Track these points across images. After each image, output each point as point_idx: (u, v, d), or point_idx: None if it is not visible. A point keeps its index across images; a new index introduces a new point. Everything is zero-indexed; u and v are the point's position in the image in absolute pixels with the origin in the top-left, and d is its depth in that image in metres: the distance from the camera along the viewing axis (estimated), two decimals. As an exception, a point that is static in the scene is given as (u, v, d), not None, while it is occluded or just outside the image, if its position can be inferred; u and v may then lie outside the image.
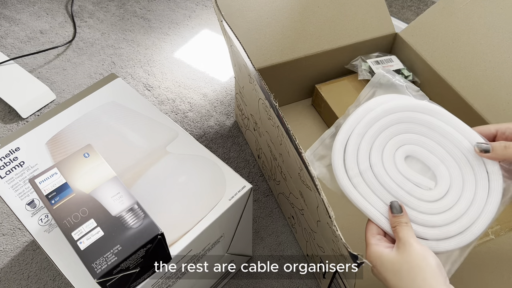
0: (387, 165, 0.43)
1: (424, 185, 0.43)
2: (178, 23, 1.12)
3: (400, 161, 0.44)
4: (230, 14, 0.73)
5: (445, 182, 0.42)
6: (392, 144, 0.44)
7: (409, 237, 0.39)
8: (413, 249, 0.38)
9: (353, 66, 0.83)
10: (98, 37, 1.06)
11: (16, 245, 0.69)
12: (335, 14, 0.80)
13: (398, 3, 1.19)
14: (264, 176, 0.80)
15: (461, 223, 0.40)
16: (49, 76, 0.96)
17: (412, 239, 0.39)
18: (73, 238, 0.38)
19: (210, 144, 0.85)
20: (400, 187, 0.43)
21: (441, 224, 0.41)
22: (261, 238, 0.72)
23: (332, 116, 0.79)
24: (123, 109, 0.58)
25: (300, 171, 0.51)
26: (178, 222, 0.47)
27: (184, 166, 0.52)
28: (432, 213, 0.41)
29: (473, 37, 0.72)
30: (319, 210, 0.50)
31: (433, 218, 0.41)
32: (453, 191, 0.42)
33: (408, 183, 0.43)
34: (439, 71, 0.76)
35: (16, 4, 1.14)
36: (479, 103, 0.69)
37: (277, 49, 0.76)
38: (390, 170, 0.43)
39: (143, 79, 0.97)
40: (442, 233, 0.40)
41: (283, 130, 0.50)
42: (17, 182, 0.50)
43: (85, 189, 0.41)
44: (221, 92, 0.95)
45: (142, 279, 0.43)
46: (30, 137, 0.54)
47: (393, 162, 0.44)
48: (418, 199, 0.42)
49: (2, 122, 0.87)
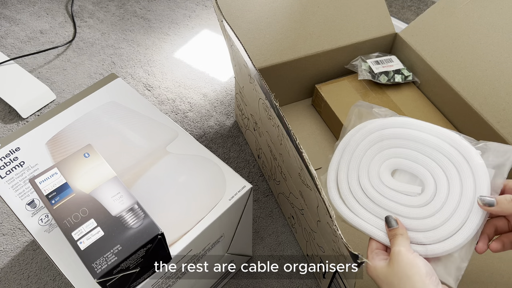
0: (374, 181, 0.46)
1: (411, 192, 0.44)
2: (178, 23, 1.12)
3: (385, 175, 0.45)
4: (230, 14, 0.73)
5: (431, 185, 0.43)
6: (376, 160, 0.46)
7: (400, 246, 0.40)
8: (402, 259, 0.38)
9: (353, 66, 0.83)
10: (98, 37, 1.06)
11: (16, 245, 0.69)
12: (335, 14, 0.80)
13: (398, 3, 1.19)
14: (264, 176, 0.80)
15: (454, 223, 0.41)
16: (49, 76, 0.96)
17: (403, 248, 0.39)
18: (73, 238, 0.38)
19: (210, 144, 0.85)
20: (389, 199, 0.44)
21: (434, 226, 0.41)
22: (261, 238, 0.72)
23: (332, 116, 0.79)
24: (123, 109, 0.58)
25: (301, 171, 0.51)
26: (178, 222, 0.47)
27: (184, 166, 0.52)
28: (423, 217, 0.43)
29: (473, 37, 0.72)
30: (319, 210, 0.50)
31: (425, 221, 0.42)
32: (440, 193, 0.43)
33: (396, 194, 0.44)
34: (439, 71, 0.76)
35: (16, 4, 1.14)
36: (479, 103, 0.69)
37: (277, 49, 0.76)
38: (377, 186, 0.45)
39: (143, 79, 0.97)
40: (437, 234, 0.41)
41: (284, 130, 0.50)
42: (17, 182, 0.50)
43: (85, 189, 0.41)
44: (221, 92, 0.95)
45: (142, 279, 0.43)
46: (30, 137, 0.54)
47: (379, 177, 0.46)
48: (408, 206, 0.44)
49: (2, 122, 0.87)
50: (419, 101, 0.79)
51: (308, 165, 0.43)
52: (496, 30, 0.69)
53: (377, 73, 0.80)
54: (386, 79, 0.80)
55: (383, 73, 0.80)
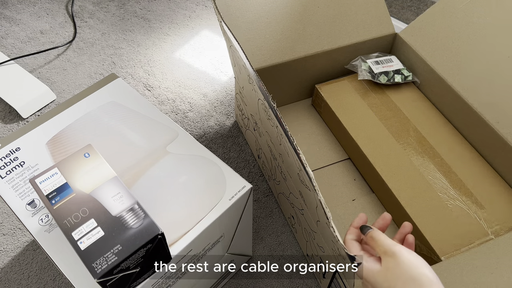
0: None
1: None
2: (178, 23, 1.12)
3: None
4: (230, 14, 0.73)
5: None
6: None
7: (394, 246, 0.39)
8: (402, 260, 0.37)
9: (353, 66, 0.83)
10: (98, 37, 1.06)
11: (16, 245, 0.69)
12: (335, 14, 0.80)
13: (398, 3, 1.19)
14: (264, 176, 0.80)
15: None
16: (50, 76, 0.97)
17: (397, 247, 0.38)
18: (73, 238, 0.38)
19: (210, 144, 0.85)
20: None
21: None
22: (261, 238, 0.72)
23: (332, 116, 0.79)
24: (123, 109, 0.58)
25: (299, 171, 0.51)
26: (178, 222, 0.47)
27: (184, 166, 0.52)
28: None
29: (473, 37, 0.72)
30: (318, 210, 0.50)
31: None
32: None
33: None
34: (439, 71, 0.76)
35: (16, 4, 1.14)
36: (479, 103, 0.69)
37: (277, 49, 0.76)
38: None
39: (143, 79, 0.97)
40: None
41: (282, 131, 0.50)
42: (18, 182, 0.50)
43: (86, 189, 0.41)
44: (221, 92, 0.95)
45: (142, 279, 0.43)
46: (31, 137, 0.54)
47: None
48: None
49: (2, 122, 0.87)
50: (419, 101, 0.79)
51: (305, 166, 0.43)
52: (495, 30, 0.69)
53: (377, 73, 0.80)
54: (386, 79, 0.80)
55: (383, 73, 0.80)
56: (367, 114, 0.76)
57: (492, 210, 0.64)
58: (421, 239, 0.61)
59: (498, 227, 0.62)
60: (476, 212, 0.63)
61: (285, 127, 0.47)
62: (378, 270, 0.38)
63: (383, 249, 0.39)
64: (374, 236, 0.41)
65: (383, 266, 0.38)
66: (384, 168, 0.68)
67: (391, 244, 0.39)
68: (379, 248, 0.39)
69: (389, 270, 0.37)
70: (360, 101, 0.79)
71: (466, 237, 0.60)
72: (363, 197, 0.72)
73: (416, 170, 0.68)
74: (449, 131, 0.75)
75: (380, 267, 0.38)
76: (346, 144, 0.77)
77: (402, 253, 0.37)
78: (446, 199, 0.65)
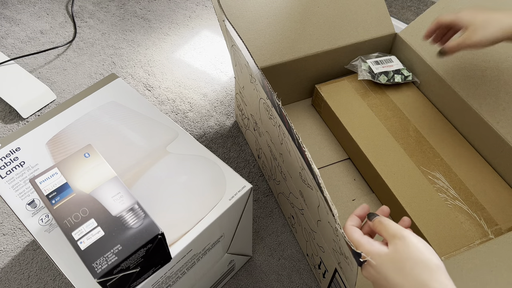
0: None
1: None
2: (178, 23, 1.12)
3: None
4: (230, 14, 0.73)
5: None
6: None
7: (403, 230, 0.39)
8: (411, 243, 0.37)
9: (353, 66, 0.83)
10: (98, 37, 1.06)
11: (16, 245, 0.69)
12: (335, 14, 0.80)
13: (398, 3, 1.19)
14: (264, 176, 0.80)
15: None
16: (50, 76, 0.97)
17: (405, 232, 0.38)
18: (73, 238, 0.38)
19: (210, 144, 0.85)
20: None
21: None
22: (261, 238, 0.72)
23: (332, 116, 0.79)
24: (124, 109, 0.58)
25: (302, 170, 0.51)
26: (178, 222, 0.47)
27: (184, 166, 0.52)
28: None
29: (473, 37, 0.72)
30: (320, 209, 0.50)
31: None
32: None
33: None
34: (439, 71, 0.76)
35: (16, 4, 1.14)
36: (479, 103, 0.70)
37: (277, 49, 0.76)
38: None
39: (143, 79, 0.97)
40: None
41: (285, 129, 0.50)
42: (18, 182, 0.50)
43: (86, 189, 0.41)
44: (221, 92, 0.95)
45: (142, 279, 0.43)
46: (31, 137, 0.54)
47: None
48: None
49: (2, 122, 0.87)
50: (419, 101, 0.79)
51: (310, 163, 0.43)
52: (496, 30, 0.69)
53: (377, 73, 0.80)
54: (386, 79, 0.80)
55: (383, 73, 0.80)
56: (367, 114, 0.77)
57: (492, 210, 0.64)
58: (421, 239, 0.61)
59: (498, 227, 0.62)
60: (476, 212, 0.63)
61: (290, 124, 0.47)
62: (386, 252, 0.38)
63: (392, 232, 0.39)
64: (382, 220, 0.41)
65: (391, 248, 0.38)
66: (384, 168, 0.68)
67: (400, 228, 0.39)
68: (387, 232, 0.39)
69: (398, 252, 0.37)
70: (360, 101, 0.79)
71: (466, 237, 0.60)
72: (363, 197, 0.72)
73: (416, 170, 0.68)
74: (449, 131, 0.75)
75: (387, 249, 0.38)
76: (346, 144, 0.77)
77: (411, 237, 0.38)
78: (446, 199, 0.65)
